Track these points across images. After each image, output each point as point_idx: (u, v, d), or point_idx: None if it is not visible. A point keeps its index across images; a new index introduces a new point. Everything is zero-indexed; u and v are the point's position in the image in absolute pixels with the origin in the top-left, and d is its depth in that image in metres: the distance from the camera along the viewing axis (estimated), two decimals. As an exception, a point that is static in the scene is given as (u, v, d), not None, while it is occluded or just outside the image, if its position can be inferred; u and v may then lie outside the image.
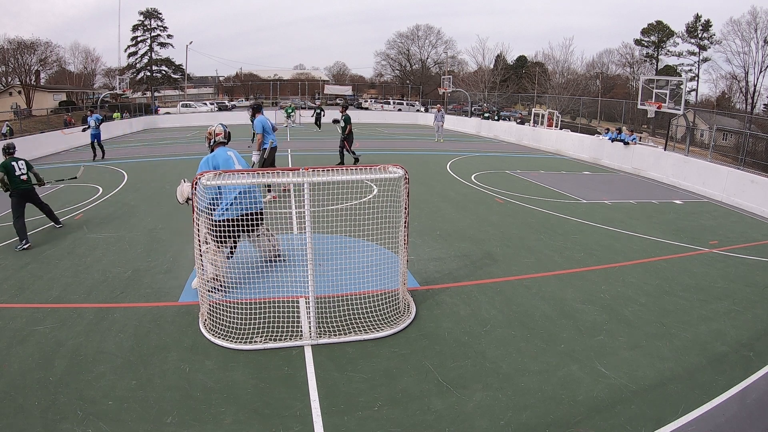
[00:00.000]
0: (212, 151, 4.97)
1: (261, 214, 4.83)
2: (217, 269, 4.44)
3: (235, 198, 4.52)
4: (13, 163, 6.27)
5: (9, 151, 6.40)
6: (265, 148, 8.04)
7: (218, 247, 4.45)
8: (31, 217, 7.49)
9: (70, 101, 38.98)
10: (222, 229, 4.31)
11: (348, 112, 12.97)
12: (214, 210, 4.51)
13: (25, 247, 5.88)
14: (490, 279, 5.25)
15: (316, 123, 25.93)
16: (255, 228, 4.69)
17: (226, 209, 4.52)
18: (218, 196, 4.54)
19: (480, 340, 3.94)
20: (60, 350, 3.64)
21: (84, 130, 15.30)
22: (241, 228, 4.48)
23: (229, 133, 5.13)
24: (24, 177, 6.27)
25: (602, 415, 3.05)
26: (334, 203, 5.05)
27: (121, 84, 29.29)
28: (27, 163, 6.53)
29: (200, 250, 4.03)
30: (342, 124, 12.66)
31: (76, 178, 7.79)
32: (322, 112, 26.64)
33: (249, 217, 4.49)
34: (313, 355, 3.63)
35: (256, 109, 8.33)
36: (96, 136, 14.34)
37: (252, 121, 8.52)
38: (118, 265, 5.39)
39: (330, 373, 3.43)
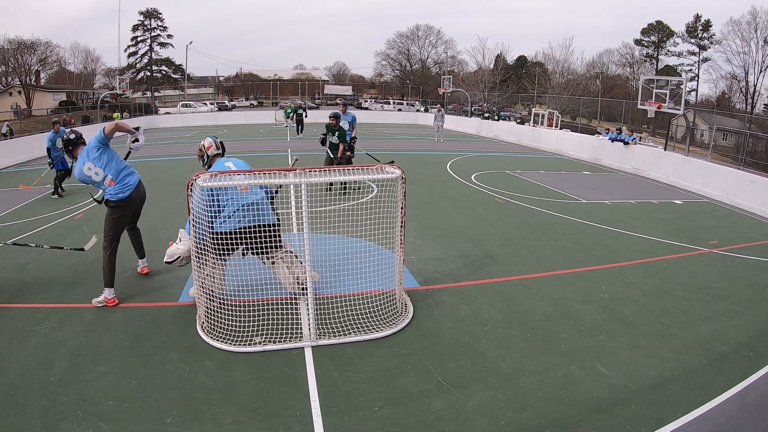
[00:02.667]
0: (209, 167, 4.51)
1: (272, 227, 4.13)
2: (214, 284, 4.08)
3: (236, 210, 4.06)
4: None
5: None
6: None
7: (216, 262, 4.10)
8: (32, 217, 7.50)
9: (70, 101, 38.97)
10: (222, 242, 3.99)
11: (341, 122, 9.28)
12: (214, 220, 4.05)
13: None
14: (490, 279, 5.25)
15: (296, 127, 21.74)
16: (266, 246, 4.08)
17: (226, 220, 4.06)
18: (218, 207, 4.07)
19: (480, 340, 3.94)
20: (60, 350, 3.63)
21: (53, 163, 9.40)
22: (245, 243, 4.05)
23: (221, 143, 4.75)
24: None
25: (602, 415, 3.05)
26: (332, 203, 5.06)
27: (121, 84, 29.31)
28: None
29: (197, 260, 3.98)
30: (335, 140, 9.02)
31: (83, 249, 5.15)
32: (304, 113, 22.18)
33: (253, 229, 4.01)
34: (313, 355, 3.63)
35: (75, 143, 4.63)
36: (63, 162, 9.36)
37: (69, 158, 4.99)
38: (118, 265, 5.34)
39: (330, 373, 3.42)
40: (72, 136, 4.65)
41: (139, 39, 48.03)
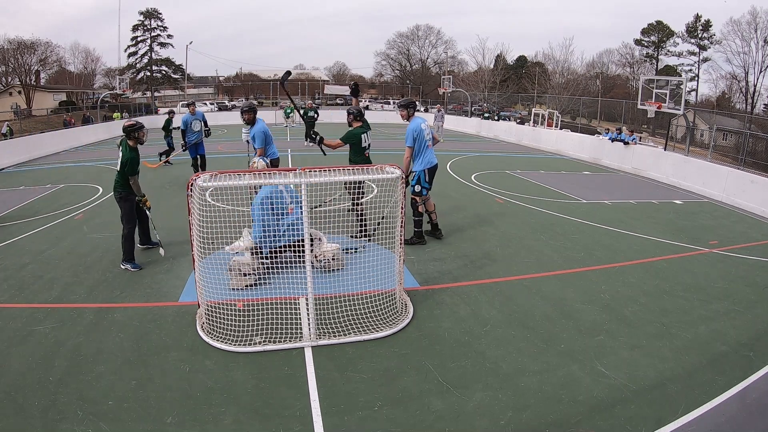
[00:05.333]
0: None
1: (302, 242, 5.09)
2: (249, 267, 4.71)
3: (288, 227, 4.73)
4: None
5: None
6: None
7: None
8: (32, 217, 7.49)
9: (70, 101, 38.96)
10: (273, 257, 4.59)
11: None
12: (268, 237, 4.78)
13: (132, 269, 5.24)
14: (490, 279, 5.24)
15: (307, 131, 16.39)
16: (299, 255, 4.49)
17: (280, 236, 4.80)
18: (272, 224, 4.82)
19: (480, 340, 3.94)
20: (60, 350, 3.63)
21: (186, 146, 9.97)
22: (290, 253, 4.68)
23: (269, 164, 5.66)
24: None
25: (602, 415, 3.05)
26: (333, 203, 5.05)
27: (121, 84, 29.25)
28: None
29: (197, 252, 3.98)
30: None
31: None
32: (316, 115, 17.25)
33: (293, 246, 4.64)
34: (313, 355, 3.63)
35: None
36: (198, 147, 10.00)
37: None
38: (118, 265, 5.39)
39: (330, 373, 3.42)
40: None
41: (139, 39, 47.92)
